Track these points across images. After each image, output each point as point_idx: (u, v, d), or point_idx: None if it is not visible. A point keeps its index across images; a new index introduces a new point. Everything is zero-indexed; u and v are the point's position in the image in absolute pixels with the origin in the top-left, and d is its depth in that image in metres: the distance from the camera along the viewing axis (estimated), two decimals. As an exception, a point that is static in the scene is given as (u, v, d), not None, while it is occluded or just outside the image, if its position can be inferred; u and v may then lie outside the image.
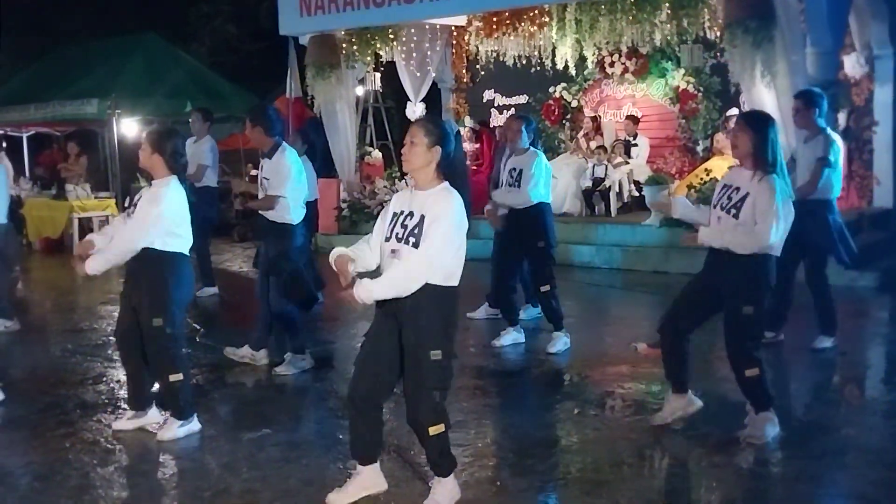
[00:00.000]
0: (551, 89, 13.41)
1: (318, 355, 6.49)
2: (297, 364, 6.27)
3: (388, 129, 15.54)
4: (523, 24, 12.23)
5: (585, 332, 7.34)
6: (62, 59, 16.77)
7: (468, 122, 13.91)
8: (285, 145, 6.20)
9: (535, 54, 12.71)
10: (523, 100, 13.89)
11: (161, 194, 4.84)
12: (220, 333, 7.60)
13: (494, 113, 14.22)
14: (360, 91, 14.04)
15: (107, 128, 15.41)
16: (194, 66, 16.24)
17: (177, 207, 4.87)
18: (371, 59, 12.81)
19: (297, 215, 6.22)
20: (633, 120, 12.36)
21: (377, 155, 14.56)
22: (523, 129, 6.68)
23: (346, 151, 12.94)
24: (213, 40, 22.12)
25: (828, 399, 5.64)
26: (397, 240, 3.76)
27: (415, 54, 12.94)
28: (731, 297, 4.58)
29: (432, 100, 14.02)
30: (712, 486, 4.24)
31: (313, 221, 9.44)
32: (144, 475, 4.53)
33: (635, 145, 12.16)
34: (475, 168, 12.89)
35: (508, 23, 12.39)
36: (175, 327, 4.90)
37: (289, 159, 6.11)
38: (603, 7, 11.04)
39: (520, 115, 7.26)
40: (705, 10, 10.16)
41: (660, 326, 4.91)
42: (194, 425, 5.02)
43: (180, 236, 4.92)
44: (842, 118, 10.17)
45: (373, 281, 3.71)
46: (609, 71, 12.84)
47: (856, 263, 6.93)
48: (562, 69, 12.53)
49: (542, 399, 5.78)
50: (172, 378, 4.91)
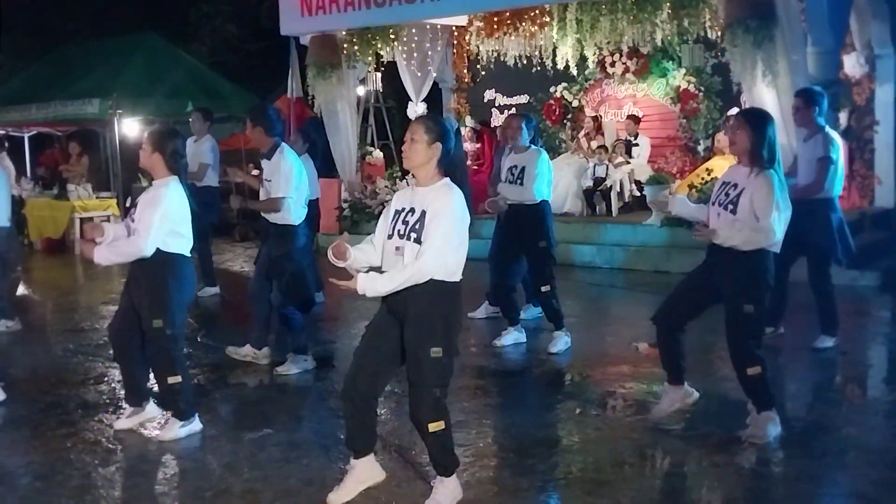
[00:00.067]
0: (552, 89, 13.41)
1: (318, 355, 6.49)
2: (298, 364, 6.27)
3: (389, 128, 15.53)
4: (524, 24, 12.21)
5: (586, 331, 7.34)
6: (63, 59, 16.75)
7: (469, 121, 13.91)
8: (284, 146, 6.19)
9: (536, 54, 12.69)
10: (524, 100, 13.89)
11: (161, 195, 4.84)
12: (221, 333, 7.60)
13: (495, 113, 14.21)
14: (361, 91, 14.03)
15: (108, 128, 15.41)
16: (195, 66, 16.23)
17: (177, 207, 4.88)
18: (372, 59, 12.81)
19: (298, 216, 6.21)
20: (634, 120, 12.36)
21: (378, 155, 14.56)
22: (523, 126, 6.68)
23: (348, 151, 12.94)
24: (213, 40, 22.10)
25: (829, 399, 5.63)
26: (399, 236, 3.77)
27: (416, 54, 12.93)
28: (732, 295, 4.58)
29: (433, 100, 14.01)
30: (714, 485, 4.24)
31: (315, 220, 9.44)
32: (145, 475, 4.53)
33: (636, 145, 12.16)
34: (476, 168, 12.89)
35: (509, 23, 12.38)
36: (175, 328, 4.90)
37: (288, 160, 6.11)
38: (604, 7, 11.03)
39: (520, 113, 7.24)
40: (706, 10, 10.16)
41: (654, 317, 4.93)
42: (195, 425, 5.03)
43: (182, 236, 4.92)
44: (843, 118, 10.18)
45: (377, 276, 3.71)
46: (610, 71, 12.83)
47: (853, 262, 6.93)
48: (563, 69, 12.52)
49: (543, 399, 5.77)
50: (171, 380, 4.91)
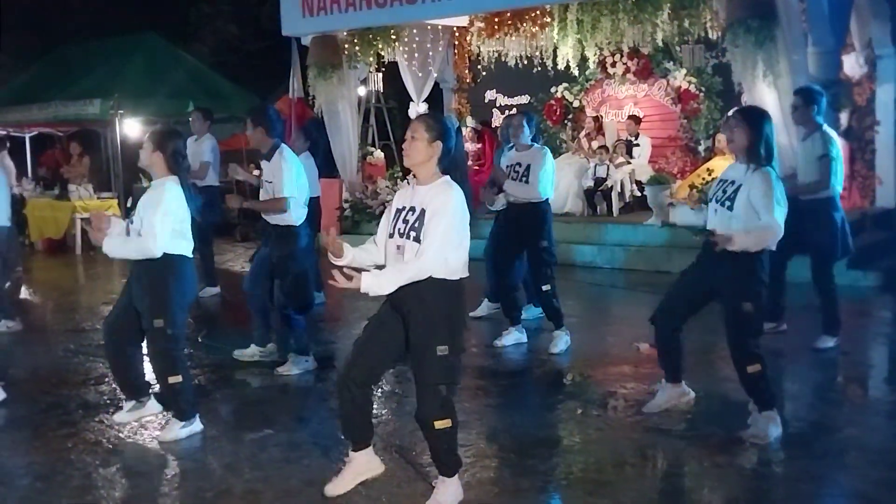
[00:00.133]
0: (553, 89, 13.40)
1: (319, 355, 6.48)
2: (300, 364, 6.27)
3: (389, 129, 15.53)
4: (525, 25, 12.22)
5: (587, 331, 7.34)
6: (64, 60, 16.76)
7: (470, 122, 13.91)
8: (283, 146, 6.20)
9: (537, 54, 12.69)
10: (525, 100, 13.87)
11: (161, 194, 4.83)
12: (222, 334, 7.60)
13: (496, 113, 14.21)
14: (362, 91, 14.03)
15: (109, 128, 15.43)
16: (196, 67, 16.24)
17: (177, 207, 4.87)
18: (373, 59, 12.82)
19: (298, 216, 6.21)
20: (634, 120, 12.35)
21: (379, 155, 14.56)
22: (525, 123, 6.68)
23: (348, 151, 12.94)
24: (214, 40, 22.10)
25: (830, 399, 5.63)
26: (400, 235, 3.78)
27: (417, 55, 12.93)
28: (730, 294, 4.59)
29: (434, 100, 14.01)
30: (715, 486, 4.23)
31: (316, 219, 9.44)
32: (146, 476, 4.53)
33: (637, 145, 12.16)
34: (477, 168, 12.89)
35: (510, 23, 12.39)
36: (176, 328, 4.90)
37: (288, 160, 6.12)
38: (604, 7, 11.03)
39: (521, 111, 7.23)
40: (707, 10, 10.15)
41: (652, 318, 4.94)
42: (196, 426, 5.02)
43: (183, 236, 4.91)
44: (843, 118, 10.17)
45: (379, 274, 3.71)
46: (611, 71, 12.83)
47: (851, 262, 6.92)
48: (563, 69, 12.51)
49: (544, 399, 5.77)
50: (172, 380, 4.91)
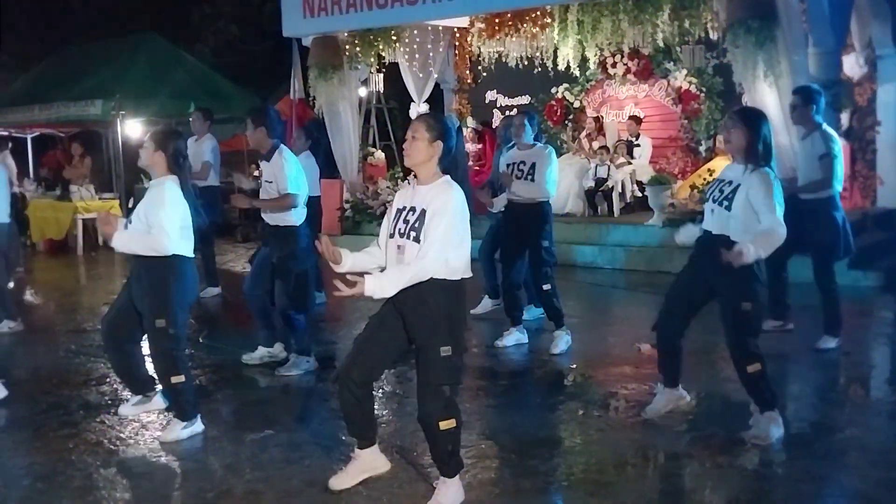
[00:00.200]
0: (553, 90, 13.41)
1: (320, 356, 6.47)
2: (301, 365, 6.27)
3: (390, 129, 15.54)
4: (525, 26, 12.23)
5: (588, 332, 7.34)
6: (66, 61, 16.78)
7: (470, 122, 13.91)
8: (283, 147, 6.22)
9: (538, 55, 12.71)
10: (526, 100, 13.88)
11: (162, 193, 4.82)
12: (223, 334, 7.60)
13: (497, 114, 14.21)
14: (362, 92, 14.04)
15: (111, 129, 15.45)
16: (198, 67, 16.25)
17: (180, 205, 4.87)
18: (374, 60, 12.82)
19: (298, 216, 6.22)
20: (635, 120, 12.36)
21: (380, 155, 14.57)
22: (526, 122, 6.68)
23: (349, 152, 12.95)
24: (216, 41, 22.10)
25: (832, 400, 5.62)
26: (400, 235, 3.78)
27: (417, 55, 12.94)
28: (729, 295, 4.58)
29: (435, 100, 14.03)
30: (716, 486, 4.23)
31: (317, 219, 9.43)
32: (147, 476, 4.52)
33: (638, 146, 12.16)
34: (477, 168, 12.89)
35: (510, 24, 12.40)
36: (177, 328, 4.90)
37: (287, 159, 6.15)
38: (605, 8, 11.04)
39: (522, 111, 7.24)
40: (707, 11, 10.15)
41: (655, 325, 4.95)
42: (197, 426, 5.02)
43: (184, 236, 4.91)
44: (844, 118, 10.17)
45: (382, 276, 3.70)
46: (611, 71, 12.83)
47: (852, 261, 6.91)
48: (564, 70, 12.52)
49: (545, 400, 5.77)
50: (174, 380, 4.91)
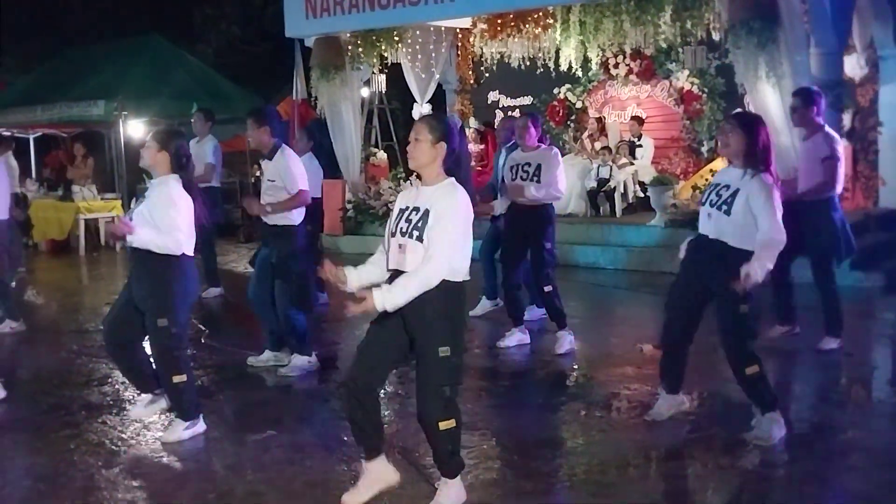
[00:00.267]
0: (556, 90, 13.41)
1: (322, 356, 6.47)
2: (303, 366, 6.27)
3: (392, 130, 15.54)
4: (528, 26, 12.23)
5: (591, 333, 7.33)
6: (68, 61, 16.81)
7: (473, 123, 13.90)
8: (284, 146, 6.24)
9: (540, 56, 12.70)
10: (528, 101, 13.88)
11: (169, 191, 4.82)
12: (225, 335, 7.60)
13: (499, 114, 14.20)
14: (365, 92, 14.04)
15: (113, 129, 15.47)
16: (200, 68, 16.27)
17: (185, 204, 4.87)
18: (376, 60, 12.82)
19: (298, 215, 6.23)
20: (637, 121, 12.36)
21: (382, 156, 14.56)
22: (530, 124, 6.67)
23: (351, 152, 12.95)
24: (218, 42, 22.12)
25: (834, 401, 5.62)
26: (402, 234, 3.77)
27: (420, 56, 12.94)
28: (728, 298, 4.57)
29: (437, 101, 14.02)
30: (718, 487, 4.23)
31: (318, 220, 9.44)
32: (149, 477, 4.52)
33: (640, 146, 12.16)
34: (479, 168, 12.89)
35: (513, 24, 12.40)
36: (179, 327, 4.90)
37: (291, 157, 6.19)
38: (607, 9, 11.04)
39: (525, 113, 7.22)
40: (709, 12, 10.14)
41: (663, 339, 4.98)
42: (199, 427, 5.02)
43: (189, 235, 4.91)
44: (846, 119, 10.16)
45: (391, 288, 3.67)
46: (613, 72, 12.83)
47: (855, 261, 6.90)
48: (566, 70, 12.52)
49: (547, 400, 5.76)
50: (176, 380, 4.91)
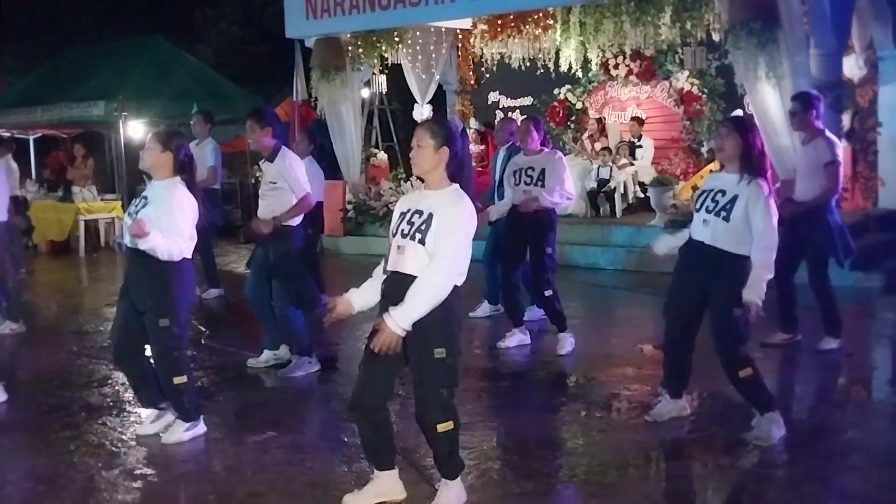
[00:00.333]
0: (556, 91, 13.43)
1: (322, 357, 6.47)
2: (302, 366, 6.26)
3: (393, 131, 15.54)
4: (528, 27, 12.25)
5: (591, 333, 7.34)
6: (68, 62, 16.79)
7: (473, 123, 13.91)
8: (285, 148, 6.24)
9: (540, 56, 12.72)
10: (528, 102, 13.90)
11: (174, 194, 4.80)
12: (225, 336, 7.60)
13: (499, 115, 14.21)
14: (365, 93, 14.05)
15: (113, 130, 15.46)
16: (200, 69, 16.26)
17: (189, 206, 4.87)
18: (377, 61, 12.83)
19: (296, 216, 6.23)
20: (637, 121, 12.37)
21: (382, 157, 14.57)
22: (532, 128, 6.65)
23: (352, 153, 12.95)
24: (218, 42, 22.11)
25: (834, 401, 5.62)
26: (402, 236, 3.76)
27: (420, 57, 12.95)
28: (723, 302, 4.58)
29: (437, 102, 14.02)
30: (718, 487, 4.24)
31: (319, 221, 9.45)
32: (149, 478, 4.52)
33: (640, 147, 12.18)
34: (480, 169, 12.90)
35: (513, 25, 12.41)
36: (180, 327, 4.90)
37: (293, 159, 6.19)
38: (607, 10, 11.05)
39: (528, 116, 7.19)
40: (709, 13, 10.15)
41: (665, 346, 4.99)
42: (200, 428, 5.02)
43: (191, 240, 4.91)
44: (845, 119, 10.16)
45: (403, 308, 3.64)
46: (613, 73, 12.85)
47: (853, 263, 6.90)
48: (566, 71, 12.54)
49: (547, 401, 5.76)
50: (176, 381, 4.90)
